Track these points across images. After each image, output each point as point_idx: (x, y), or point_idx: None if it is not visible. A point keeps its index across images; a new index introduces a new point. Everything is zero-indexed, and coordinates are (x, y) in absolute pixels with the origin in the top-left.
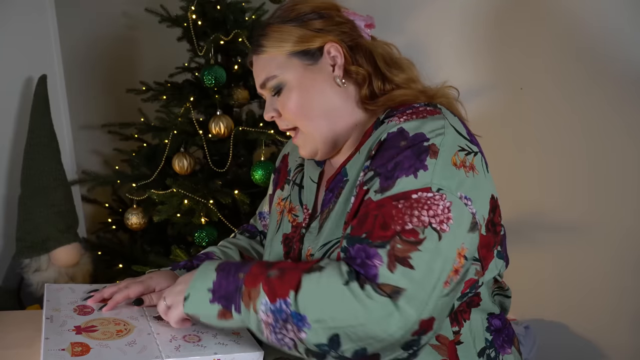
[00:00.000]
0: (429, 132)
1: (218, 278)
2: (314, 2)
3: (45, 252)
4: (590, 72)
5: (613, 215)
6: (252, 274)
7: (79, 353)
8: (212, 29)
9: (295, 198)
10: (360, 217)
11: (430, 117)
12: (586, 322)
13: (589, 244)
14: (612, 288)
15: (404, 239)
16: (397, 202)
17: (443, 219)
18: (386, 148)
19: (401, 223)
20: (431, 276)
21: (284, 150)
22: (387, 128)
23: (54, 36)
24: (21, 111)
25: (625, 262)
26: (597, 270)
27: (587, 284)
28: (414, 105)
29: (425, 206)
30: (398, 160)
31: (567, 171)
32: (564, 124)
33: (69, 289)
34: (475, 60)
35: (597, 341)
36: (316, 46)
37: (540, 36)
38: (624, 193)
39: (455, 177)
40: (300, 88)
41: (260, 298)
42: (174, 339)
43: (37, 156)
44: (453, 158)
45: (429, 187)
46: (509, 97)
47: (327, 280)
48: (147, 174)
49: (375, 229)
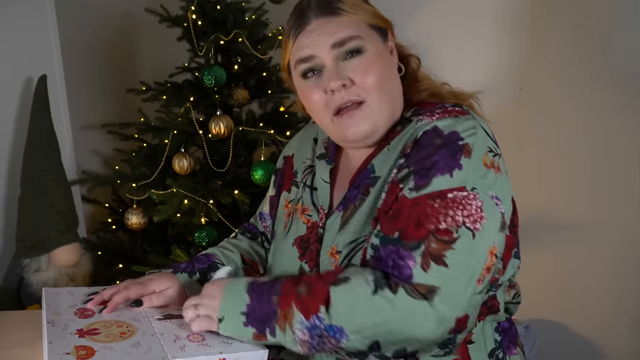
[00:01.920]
0: (463, 131)
1: (252, 302)
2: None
3: (45, 252)
4: (591, 72)
5: (613, 215)
6: (285, 295)
7: (84, 356)
8: (212, 29)
9: (307, 200)
10: (393, 213)
11: (462, 117)
12: (586, 322)
13: (590, 244)
14: (612, 288)
15: (439, 238)
16: (433, 201)
17: (477, 218)
18: (422, 146)
19: (435, 222)
20: (465, 274)
21: (285, 152)
22: (421, 126)
23: (54, 36)
24: (21, 111)
25: (625, 262)
26: (597, 271)
27: (587, 284)
28: (443, 105)
29: (460, 205)
30: (434, 160)
31: (568, 172)
32: (565, 124)
33: (67, 292)
34: (475, 60)
35: (597, 341)
36: (384, 27)
37: (541, 36)
38: (624, 194)
39: (487, 177)
40: (380, 60)
41: (296, 317)
42: (178, 339)
43: (37, 156)
44: (484, 158)
45: (464, 186)
46: (509, 97)
47: (356, 292)
48: (147, 174)
49: (409, 227)
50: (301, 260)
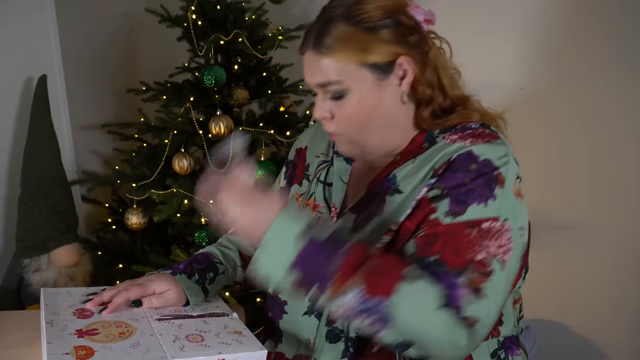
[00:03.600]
0: (497, 159)
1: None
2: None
3: (45, 252)
4: (591, 73)
5: (612, 216)
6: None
7: (84, 356)
8: (212, 29)
9: (319, 196)
10: (428, 237)
11: (495, 142)
12: (586, 322)
13: (589, 244)
14: (611, 288)
15: (476, 269)
16: (470, 229)
17: (507, 249)
18: (456, 169)
19: (472, 253)
20: (499, 302)
21: (298, 143)
22: (455, 150)
23: (54, 36)
24: (21, 111)
25: (624, 263)
26: (596, 271)
27: (586, 284)
28: (470, 126)
29: (494, 237)
30: (471, 188)
31: (567, 172)
32: (564, 124)
33: (66, 293)
34: (475, 60)
35: (596, 341)
36: (389, 60)
37: (541, 36)
38: (623, 194)
39: (517, 208)
40: (365, 103)
41: (355, 286)
42: (177, 339)
43: (37, 156)
44: (514, 187)
45: (497, 217)
46: (509, 97)
47: (423, 298)
48: (147, 174)
49: (447, 253)
50: None
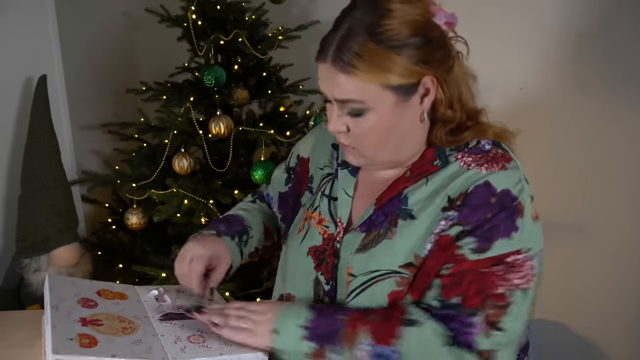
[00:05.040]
0: (513, 186)
1: (315, 317)
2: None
3: (45, 252)
4: (591, 73)
5: (612, 216)
6: (353, 317)
7: (87, 345)
8: (212, 29)
9: (325, 210)
10: (454, 276)
11: (509, 168)
12: (586, 322)
13: (589, 244)
14: (612, 289)
15: (495, 303)
16: (496, 266)
17: (529, 277)
18: (476, 204)
19: (494, 287)
20: (518, 330)
21: (300, 151)
22: (470, 178)
23: (54, 36)
24: (21, 111)
25: (624, 263)
26: (596, 271)
27: (586, 285)
28: (483, 147)
29: (516, 269)
30: (495, 224)
31: (567, 172)
32: (564, 124)
33: (70, 282)
34: (475, 60)
35: (596, 341)
36: (415, 81)
37: (541, 36)
38: (624, 194)
39: (535, 232)
40: (385, 123)
41: (362, 338)
42: (178, 340)
43: (37, 156)
44: (531, 212)
45: (520, 249)
46: (509, 97)
47: (429, 338)
48: (147, 174)
49: (470, 294)
50: (317, 270)
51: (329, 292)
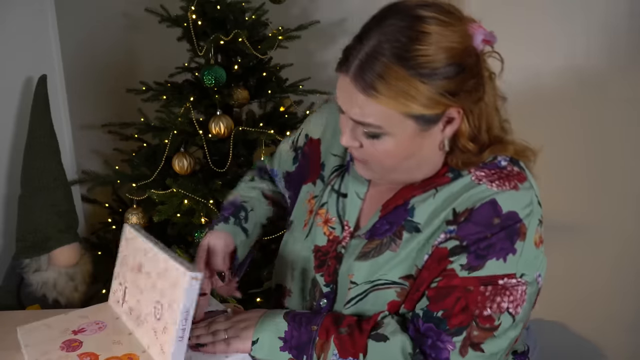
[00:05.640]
0: (521, 209)
1: (290, 328)
2: (446, 42)
3: (45, 252)
4: (592, 72)
5: (613, 216)
6: (325, 327)
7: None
8: (212, 29)
9: (332, 208)
10: (440, 290)
11: (521, 188)
12: (586, 323)
13: (589, 245)
14: (612, 289)
15: (480, 325)
16: (485, 287)
17: (519, 302)
18: (477, 221)
19: (481, 307)
20: (500, 352)
21: (309, 131)
22: (478, 195)
23: (54, 36)
24: (21, 111)
25: (624, 263)
26: (596, 272)
27: (586, 285)
28: (499, 163)
29: (507, 292)
30: (491, 242)
31: (568, 172)
32: (566, 125)
33: (44, 326)
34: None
35: (597, 341)
36: (439, 112)
37: (541, 35)
38: (624, 194)
39: (536, 259)
40: (402, 150)
41: (332, 350)
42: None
43: (37, 156)
44: (535, 236)
45: (514, 273)
46: (509, 97)
47: (393, 356)
48: (147, 174)
49: (455, 311)
50: (317, 272)
51: (328, 294)
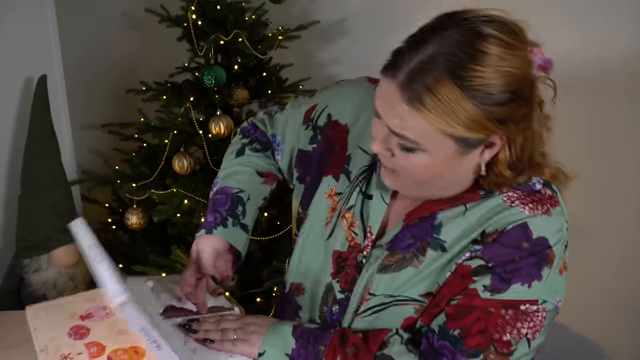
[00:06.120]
0: (552, 235)
1: (297, 346)
2: (505, 66)
3: (45, 252)
4: (593, 72)
5: (614, 216)
6: (332, 348)
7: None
8: (212, 29)
9: (357, 212)
10: (460, 309)
11: (554, 213)
12: (586, 322)
13: (590, 245)
14: (612, 289)
15: (498, 350)
16: (506, 311)
17: (538, 328)
18: (506, 244)
19: (500, 332)
20: None
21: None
22: (510, 217)
23: (54, 36)
24: (21, 111)
25: (624, 263)
26: (596, 271)
27: (586, 285)
28: (534, 186)
29: (528, 318)
30: (518, 266)
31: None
32: (567, 124)
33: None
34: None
35: (597, 341)
36: (484, 137)
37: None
38: (624, 195)
39: (560, 286)
40: (436, 168)
41: None
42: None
43: (37, 156)
44: (560, 263)
45: (537, 300)
46: None
47: None
48: (147, 174)
49: (473, 332)
50: (333, 277)
51: (342, 301)
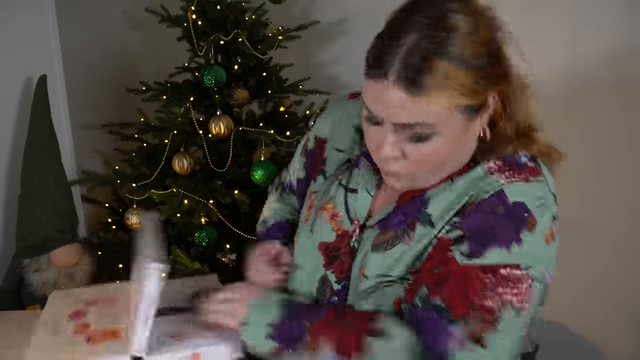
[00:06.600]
0: (530, 200)
1: (284, 318)
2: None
3: (45, 252)
4: (591, 71)
5: (613, 216)
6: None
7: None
8: (212, 29)
9: (340, 203)
10: (439, 277)
11: (533, 180)
12: (586, 322)
13: (589, 244)
14: (611, 288)
15: (482, 316)
16: (485, 274)
17: (524, 297)
18: (481, 210)
19: (481, 297)
20: (507, 351)
21: (319, 132)
22: (486, 186)
23: (54, 36)
24: (21, 111)
25: (624, 262)
26: (596, 271)
27: (586, 285)
28: (518, 160)
29: (511, 284)
30: (495, 230)
31: (566, 172)
32: (563, 123)
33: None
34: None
35: (596, 341)
36: (480, 101)
37: (540, 34)
38: (624, 193)
39: (545, 254)
40: (449, 146)
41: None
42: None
43: (37, 156)
44: (546, 232)
45: (519, 264)
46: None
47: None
48: (147, 174)
49: (454, 297)
50: (327, 269)
51: (339, 291)
